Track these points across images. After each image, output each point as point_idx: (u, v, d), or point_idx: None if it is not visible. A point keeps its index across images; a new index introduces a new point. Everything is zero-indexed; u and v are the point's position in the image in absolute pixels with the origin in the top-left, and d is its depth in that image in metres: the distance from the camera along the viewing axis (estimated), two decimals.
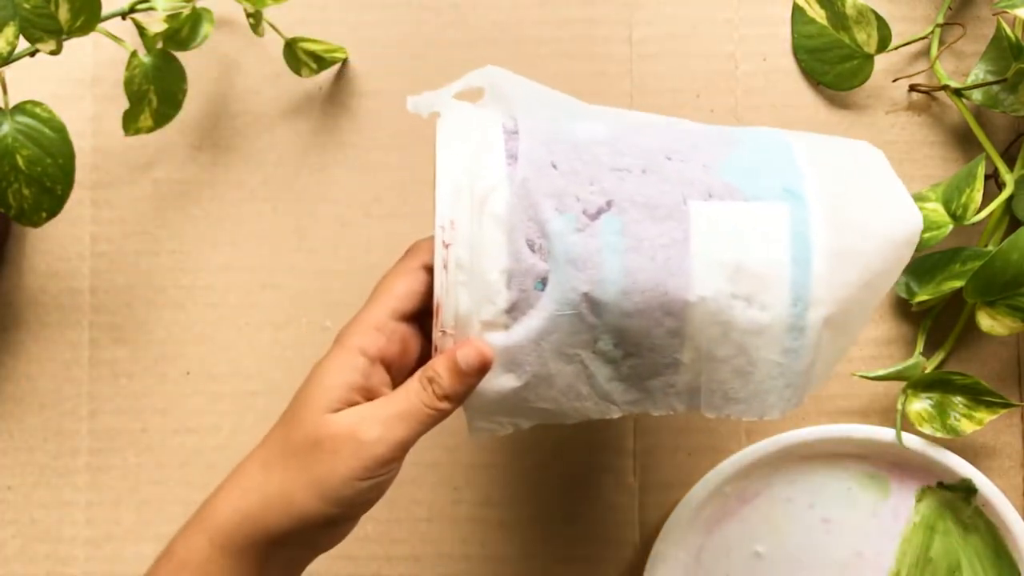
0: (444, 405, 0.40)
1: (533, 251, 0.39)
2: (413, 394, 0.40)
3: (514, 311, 0.39)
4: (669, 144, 0.42)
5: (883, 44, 0.56)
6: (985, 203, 0.54)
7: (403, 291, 0.41)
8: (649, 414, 0.43)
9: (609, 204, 0.40)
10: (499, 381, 0.40)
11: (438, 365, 0.40)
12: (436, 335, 0.40)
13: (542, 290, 0.39)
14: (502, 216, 0.39)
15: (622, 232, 0.39)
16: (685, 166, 0.41)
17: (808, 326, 0.40)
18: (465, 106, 0.43)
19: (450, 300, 0.39)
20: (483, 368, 0.40)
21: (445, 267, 0.39)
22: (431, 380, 0.40)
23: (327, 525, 0.40)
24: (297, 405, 0.41)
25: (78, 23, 0.48)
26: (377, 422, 0.39)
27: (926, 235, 0.54)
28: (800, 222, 0.40)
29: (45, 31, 0.48)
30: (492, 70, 0.44)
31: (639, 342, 0.40)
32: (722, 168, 0.41)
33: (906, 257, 0.43)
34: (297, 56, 0.55)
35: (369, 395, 0.41)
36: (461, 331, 0.40)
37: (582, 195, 0.40)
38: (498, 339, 0.40)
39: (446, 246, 0.39)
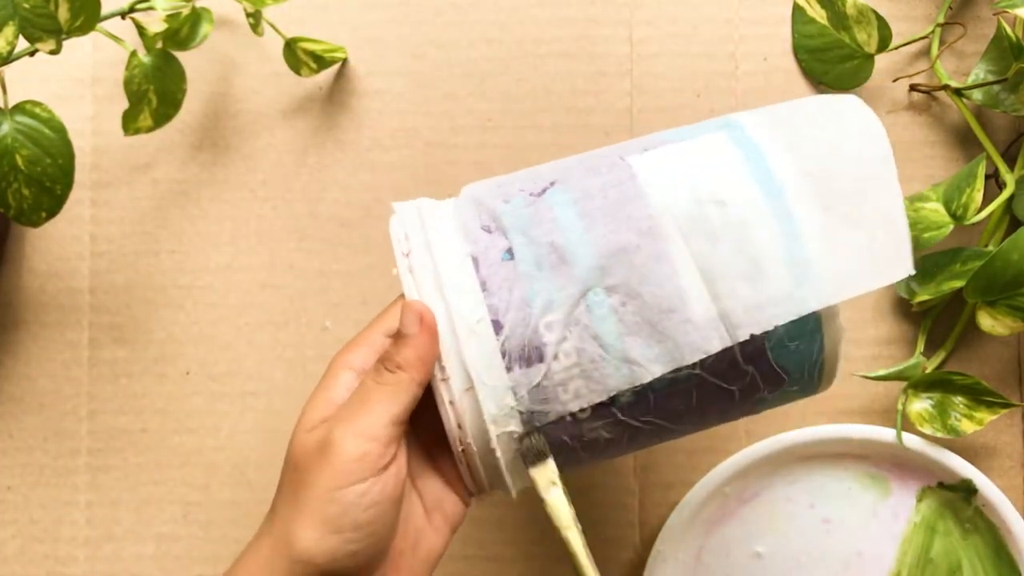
0: (401, 376, 0.37)
1: (490, 232, 0.39)
2: (368, 379, 0.38)
3: (488, 289, 0.38)
4: (604, 148, 0.43)
5: (883, 44, 0.56)
6: (985, 203, 0.54)
7: (395, 311, 0.40)
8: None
9: (552, 183, 0.40)
10: (509, 377, 0.38)
11: (389, 345, 0.38)
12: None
13: (510, 259, 0.38)
14: (449, 219, 0.40)
15: (569, 191, 0.40)
16: (619, 148, 0.42)
17: (792, 209, 0.38)
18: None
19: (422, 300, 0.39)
20: (425, 323, 0.37)
21: (410, 271, 0.39)
22: (381, 359, 0.38)
23: (335, 571, 0.36)
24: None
25: (78, 23, 0.48)
26: (339, 421, 0.37)
27: (926, 235, 0.54)
28: (740, 137, 0.40)
29: (45, 31, 0.48)
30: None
31: (627, 279, 0.38)
32: (653, 138, 0.42)
33: (872, 130, 0.40)
34: (297, 56, 0.55)
35: None
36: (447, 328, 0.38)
37: (525, 187, 0.41)
38: (483, 321, 0.38)
39: (406, 255, 0.39)
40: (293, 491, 0.37)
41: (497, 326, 0.38)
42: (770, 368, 0.39)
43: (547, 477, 0.39)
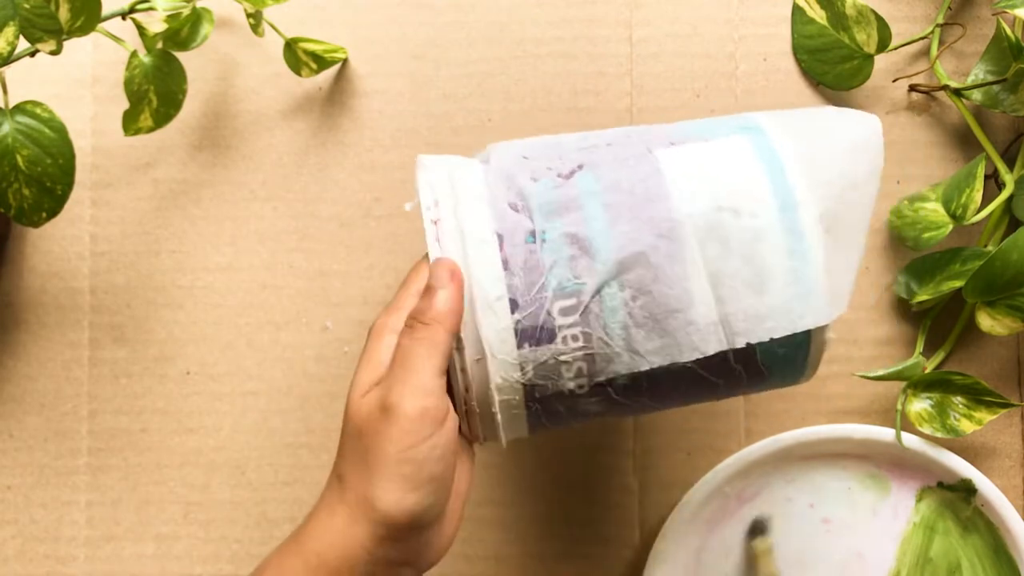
0: (436, 328, 0.38)
1: (517, 211, 0.41)
2: (404, 338, 0.39)
3: (510, 268, 0.40)
4: (629, 129, 0.44)
5: (883, 44, 0.56)
6: (985, 203, 0.54)
7: (422, 274, 0.42)
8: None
9: (580, 166, 0.42)
10: (519, 354, 0.40)
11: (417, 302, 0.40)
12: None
13: (533, 243, 0.40)
14: (481, 191, 0.41)
15: (597, 180, 0.41)
16: (645, 135, 0.43)
17: (804, 228, 0.40)
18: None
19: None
20: (456, 277, 0.39)
21: (438, 240, 0.40)
22: (413, 315, 0.39)
23: (413, 524, 0.38)
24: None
25: (78, 23, 0.48)
26: (392, 384, 0.38)
27: (926, 235, 0.54)
28: (763, 144, 0.42)
29: (45, 31, 0.48)
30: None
31: (642, 277, 0.40)
32: (678, 130, 0.44)
33: (877, 161, 0.43)
34: (297, 56, 0.55)
35: None
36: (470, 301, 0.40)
37: (553, 165, 0.42)
38: (502, 299, 0.40)
39: (435, 223, 0.40)
40: (362, 458, 0.38)
41: (514, 304, 0.40)
42: (756, 368, 0.42)
43: (765, 547, 0.53)
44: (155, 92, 0.52)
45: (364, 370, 0.40)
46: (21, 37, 0.48)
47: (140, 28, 0.52)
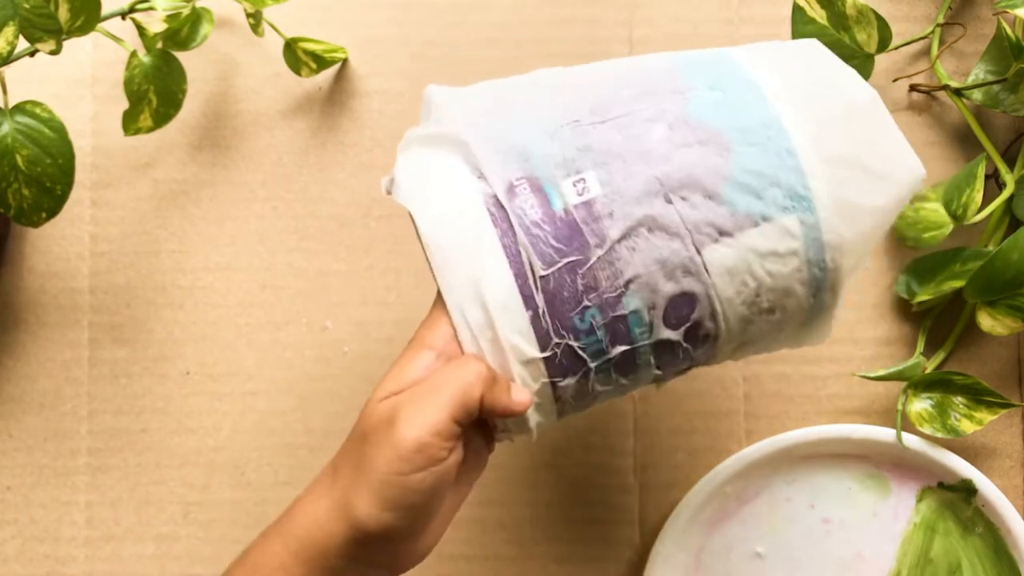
0: (472, 386, 0.38)
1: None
2: (449, 369, 0.38)
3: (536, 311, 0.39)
4: (664, 173, 0.40)
5: (883, 44, 0.56)
6: (985, 203, 0.54)
7: None
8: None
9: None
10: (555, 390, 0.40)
11: (495, 378, 0.38)
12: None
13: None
14: (506, 272, 0.39)
15: (624, 219, 0.39)
16: (690, 210, 0.39)
17: (826, 307, 0.42)
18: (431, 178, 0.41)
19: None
20: (522, 410, 0.39)
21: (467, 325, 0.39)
22: (473, 381, 0.38)
23: (386, 538, 0.38)
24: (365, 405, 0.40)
25: (78, 23, 0.48)
26: (407, 402, 0.38)
27: (926, 235, 0.54)
28: (811, 229, 0.40)
29: (45, 31, 0.48)
30: (433, 96, 0.43)
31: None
32: (724, 191, 0.40)
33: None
34: (297, 56, 0.55)
35: None
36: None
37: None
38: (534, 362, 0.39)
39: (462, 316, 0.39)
40: (357, 462, 0.38)
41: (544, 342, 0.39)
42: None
43: None
44: (155, 92, 0.52)
45: (391, 376, 0.39)
46: (21, 37, 0.48)
47: (140, 28, 0.52)
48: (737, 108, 0.40)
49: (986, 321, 0.53)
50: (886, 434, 0.54)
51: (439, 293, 0.40)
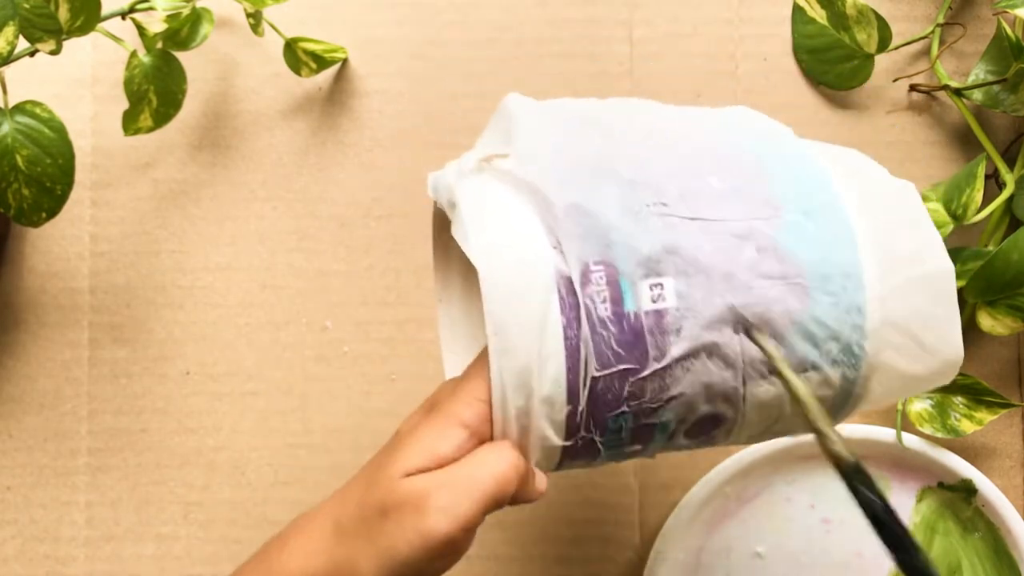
0: (509, 479, 0.36)
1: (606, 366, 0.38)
2: (485, 465, 0.36)
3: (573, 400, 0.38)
4: (743, 304, 0.38)
5: (883, 44, 0.56)
6: (985, 203, 0.54)
7: None
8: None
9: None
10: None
11: (527, 471, 0.37)
12: None
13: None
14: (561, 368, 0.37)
15: (693, 338, 0.38)
16: (751, 345, 0.39)
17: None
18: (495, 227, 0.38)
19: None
20: (538, 498, 0.39)
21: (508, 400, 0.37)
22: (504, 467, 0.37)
23: None
24: (378, 464, 0.38)
25: (78, 23, 0.48)
26: (442, 488, 0.36)
27: None
28: (848, 383, 0.40)
29: (45, 31, 0.48)
30: (514, 112, 0.40)
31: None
32: (790, 336, 0.39)
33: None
34: (297, 56, 0.55)
35: None
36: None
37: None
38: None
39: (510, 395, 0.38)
40: (372, 534, 0.37)
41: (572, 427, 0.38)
42: None
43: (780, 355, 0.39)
44: (155, 92, 0.52)
45: (418, 448, 0.37)
46: (21, 37, 0.48)
47: (140, 28, 0.52)
48: (826, 248, 0.39)
49: (986, 321, 0.53)
50: (886, 434, 0.54)
51: (477, 360, 0.38)
